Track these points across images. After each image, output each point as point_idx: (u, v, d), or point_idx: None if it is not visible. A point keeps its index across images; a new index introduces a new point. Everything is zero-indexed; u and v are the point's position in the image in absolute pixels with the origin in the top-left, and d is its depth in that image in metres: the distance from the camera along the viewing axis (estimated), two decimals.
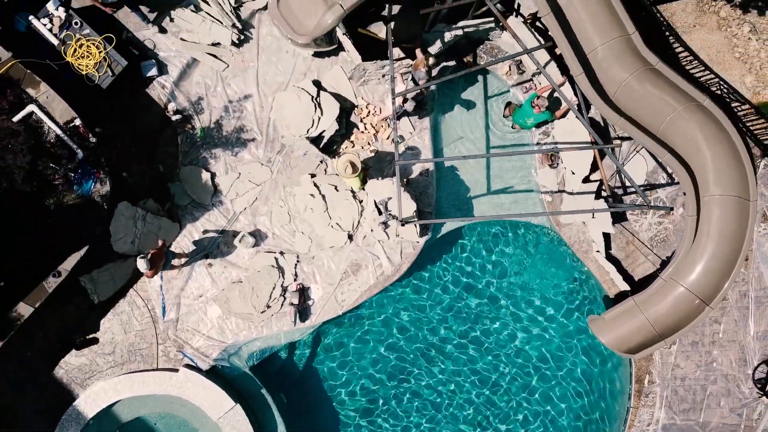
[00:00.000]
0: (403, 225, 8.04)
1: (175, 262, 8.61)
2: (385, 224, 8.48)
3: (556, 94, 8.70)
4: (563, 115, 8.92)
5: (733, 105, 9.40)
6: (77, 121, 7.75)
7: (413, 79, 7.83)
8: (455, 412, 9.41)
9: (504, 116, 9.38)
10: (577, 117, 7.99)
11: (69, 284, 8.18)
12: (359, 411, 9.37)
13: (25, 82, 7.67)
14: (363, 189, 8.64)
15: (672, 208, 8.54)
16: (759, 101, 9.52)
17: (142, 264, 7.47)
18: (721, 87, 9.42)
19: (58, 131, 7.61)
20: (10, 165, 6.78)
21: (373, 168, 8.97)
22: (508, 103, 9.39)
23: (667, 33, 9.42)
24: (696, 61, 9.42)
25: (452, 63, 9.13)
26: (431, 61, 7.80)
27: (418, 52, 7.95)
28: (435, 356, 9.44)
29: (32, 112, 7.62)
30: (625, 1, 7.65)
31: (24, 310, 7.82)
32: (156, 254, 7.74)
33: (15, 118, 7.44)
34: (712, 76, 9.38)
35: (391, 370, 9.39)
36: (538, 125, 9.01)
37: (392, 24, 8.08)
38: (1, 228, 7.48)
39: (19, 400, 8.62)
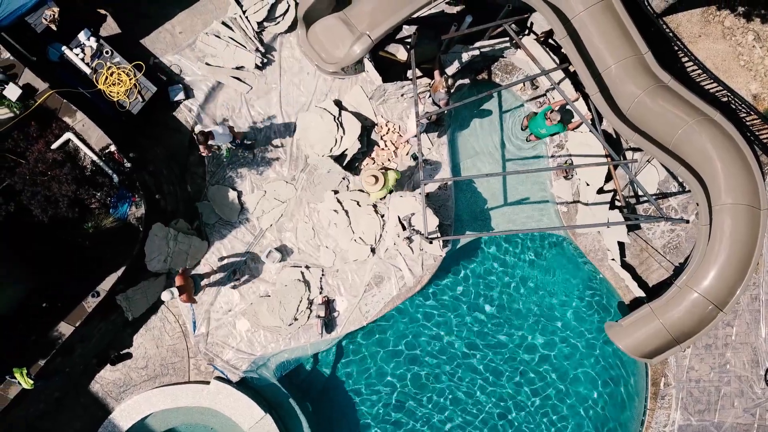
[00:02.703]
0: (430, 243, 8.31)
1: (204, 282, 8.87)
2: (410, 239, 8.78)
3: (569, 108, 8.98)
4: (576, 127, 9.19)
5: (739, 112, 9.63)
6: (112, 147, 8.05)
7: (433, 100, 8.12)
8: (477, 415, 9.68)
9: (522, 129, 9.66)
10: (591, 131, 8.27)
11: (106, 303, 8.47)
12: (384, 418, 9.66)
13: (61, 111, 7.97)
14: (392, 192, 8.82)
15: (688, 221, 8.80)
16: (765, 108, 9.75)
17: (167, 295, 7.76)
18: (728, 95, 9.66)
19: (95, 158, 7.92)
20: (56, 193, 7.08)
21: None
22: (526, 117, 9.68)
23: (674, 43, 9.66)
24: (702, 70, 9.65)
25: (467, 81, 9.42)
26: (449, 82, 8.07)
27: (436, 74, 8.22)
28: (457, 362, 9.70)
29: (69, 140, 7.93)
30: (635, 19, 7.94)
31: (65, 329, 8.13)
32: (182, 286, 7.98)
33: (53, 146, 7.75)
34: (719, 84, 9.62)
35: (414, 378, 9.67)
36: (552, 135, 9.27)
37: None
38: (44, 252, 7.80)
39: (58, 414, 8.92)
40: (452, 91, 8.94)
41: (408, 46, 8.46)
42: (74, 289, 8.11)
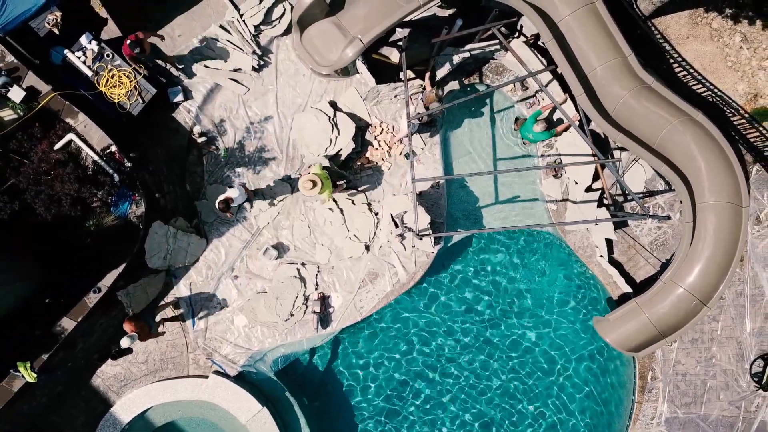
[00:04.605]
0: (420, 239, 8.53)
1: (159, 318, 9.07)
2: (402, 236, 9.01)
3: (558, 112, 9.20)
4: (565, 130, 9.42)
5: (727, 112, 9.83)
6: (113, 148, 8.28)
7: (426, 107, 8.35)
8: (470, 411, 9.91)
9: (514, 129, 9.90)
10: (576, 131, 8.49)
11: (107, 299, 8.71)
12: (379, 411, 9.88)
13: (64, 113, 8.22)
14: (330, 199, 8.88)
15: (669, 217, 9.01)
16: (752, 108, 9.94)
17: (126, 341, 8.06)
18: (715, 96, 9.85)
19: (96, 158, 8.16)
20: (59, 192, 7.32)
21: (388, 183, 9.49)
22: (517, 118, 9.91)
23: (662, 45, 9.86)
24: (691, 71, 9.86)
25: (458, 83, 9.64)
26: (441, 91, 8.30)
27: (427, 85, 8.42)
28: (451, 356, 9.93)
29: (71, 140, 8.17)
30: (621, 21, 8.15)
31: (68, 324, 8.37)
32: (137, 331, 8.23)
33: (56, 146, 7.99)
34: (707, 85, 9.83)
35: (409, 372, 9.91)
36: (541, 141, 9.51)
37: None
38: (49, 250, 8.03)
39: (61, 408, 9.16)
40: (444, 95, 9.17)
41: (400, 49, 8.69)
42: (77, 286, 8.34)
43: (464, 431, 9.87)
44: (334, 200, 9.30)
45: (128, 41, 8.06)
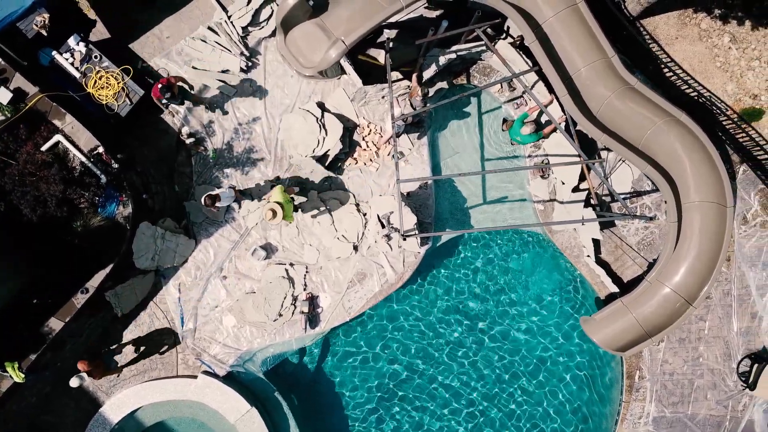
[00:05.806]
0: (405, 239, 8.57)
1: (117, 356, 9.17)
2: (388, 237, 9.04)
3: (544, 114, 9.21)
4: (553, 131, 9.44)
5: (715, 112, 9.86)
6: (100, 149, 8.32)
7: (411, 104, 8.37)
8: (459, 412, 9.93)
9: (502, 130, 9.93)
10: (561, 132, 8.51)
11: (95, 300, 8.74)
12: (369, 411, 9.90)
13: (51, 114, 8.25)
14: (291, 221, 8.87)
15: (652, 218, 9.04)
16: (741, 108, 9.97)
17: (75, 381, 8.13)
18: (704, 96, 9.88)
19: (83, 159, 8.20)
20: (44, 193, 7.35)
21: (376, 183, 9.51)
22: (505, 119, 9.94)
23: (651, 46, 9.89)
24: (680, 72, 9.88)
25: (445, 83, 9.67)
26: (425, 90, 8.33)
27: (414, 80, 8.45)
28: (440, 356, 9.95)
29: (58, 142, 8.21)
30: (605, 22, 8.17)
31: (55, 324, 8.40)
32: (90, 371, 8.28)
33: (43, 148, 8.03)
34: (696, 85, 9.86)
35: (399, 372, 9.92)
36: (529, 143, 9.53)
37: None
38: (34, 250, 8.06)
39: (50, 409, 9.18)
40: (430, 95, 9.20)
41: (385, 50, 8.73)
42: (64, 286, 8.37)
43: None
44: (322, 200, 9.33)
45: (159, 85, 8.16)
